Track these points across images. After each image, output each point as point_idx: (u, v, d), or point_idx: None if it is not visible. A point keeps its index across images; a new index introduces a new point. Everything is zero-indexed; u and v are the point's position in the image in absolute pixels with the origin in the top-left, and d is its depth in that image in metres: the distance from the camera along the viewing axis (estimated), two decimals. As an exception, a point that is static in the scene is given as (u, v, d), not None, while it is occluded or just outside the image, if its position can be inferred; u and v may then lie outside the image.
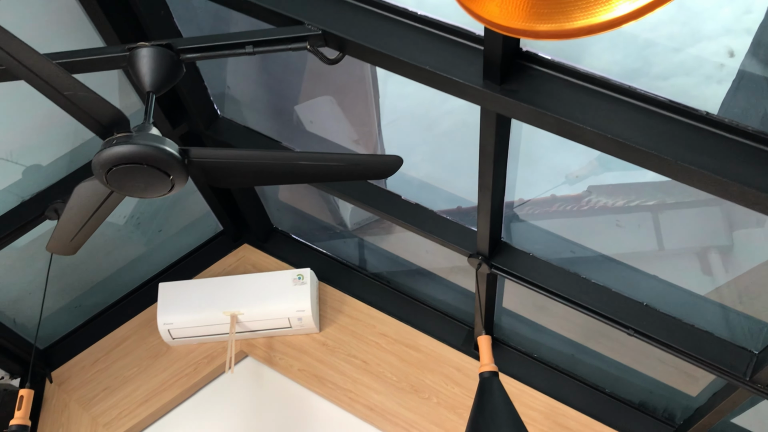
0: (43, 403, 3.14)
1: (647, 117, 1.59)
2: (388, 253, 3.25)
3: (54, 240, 2.04)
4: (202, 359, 3.16)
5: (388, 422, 2.97)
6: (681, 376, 2.76)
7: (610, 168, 2.43)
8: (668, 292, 2.39)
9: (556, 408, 2.91)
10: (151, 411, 3.08)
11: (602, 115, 1.60)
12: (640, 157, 1.57)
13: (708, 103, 1.64)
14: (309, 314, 3.04)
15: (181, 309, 3.04)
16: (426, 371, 3.05)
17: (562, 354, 2.97)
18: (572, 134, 1.64)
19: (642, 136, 1.57)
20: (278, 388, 3.16)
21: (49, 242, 2.07)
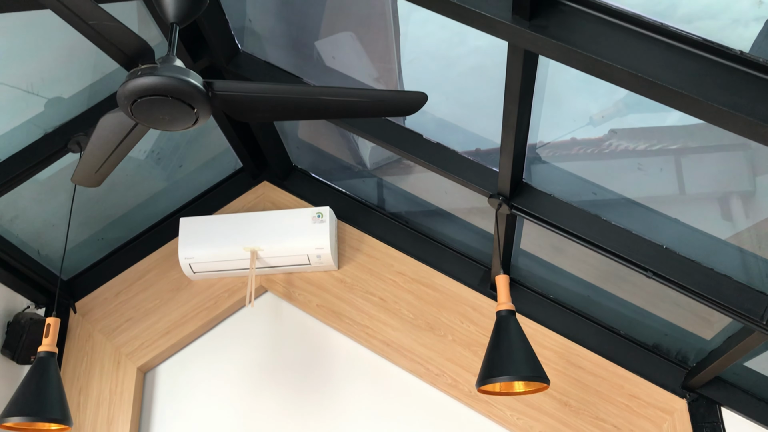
0: (67, 333, 3.23)
1: (679, 56, 1.56)
2: (406, 193, 3.26)
3: (79, 172, 2.06)
4: (222, 293, 3.21)
5: (403, 358, 3.03)
6: (696, 319, 2.78)
7: (636, 109, 2.40)
8: (688, 235, 2.38)
9: (571, 348, 2.95)
10: (172, 342, 3.16)
11: (633, 54, 1.57)
12: (670, 96, 1.54)
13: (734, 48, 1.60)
14: (328, 252, 3.07)
15: (202, 244, 3.08)
16: (442, 309, 3.09)
17: (578, 295, 3.00)
18: (601, 72, 1.62)
19: (673, 76, 1.54)
20: (297, 323, 3.22)
21: (74, 174, 2.08)
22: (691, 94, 1.51)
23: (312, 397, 3.08)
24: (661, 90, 1.54)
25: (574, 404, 2.87)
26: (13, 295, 3.14)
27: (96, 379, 3.12)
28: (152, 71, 1.62)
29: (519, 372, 2.11)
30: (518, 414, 2.89)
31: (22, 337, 2.98)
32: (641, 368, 2.89)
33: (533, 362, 2.14)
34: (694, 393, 2.81)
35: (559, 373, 2.92)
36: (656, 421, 2.80)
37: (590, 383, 2.89)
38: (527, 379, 2.10)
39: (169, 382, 3.18)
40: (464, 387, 2.95)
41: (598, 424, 2.83)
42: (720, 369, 2.54)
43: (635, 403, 2.83)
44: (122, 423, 3.02)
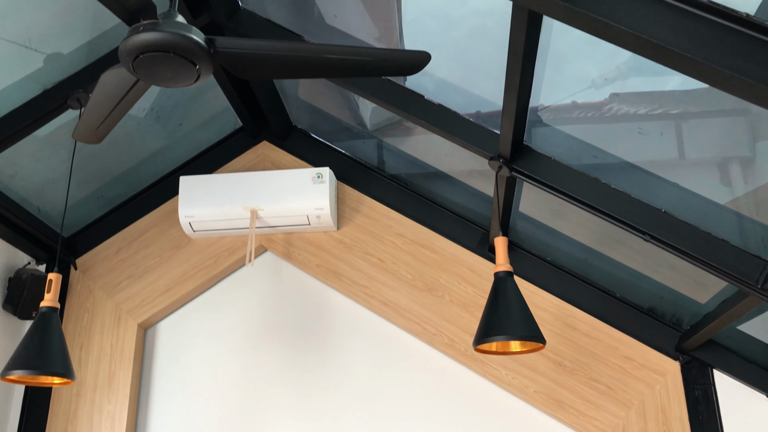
0: (68, 289, 3.25)
1: (685, 18, 1.55)
2: (407, 154, 3.25)
3: (80, 128, 2.05)
4: (222, 252, 3.23)
5: (401, 317, 3.07)
6: (691, 283, 2.81)
7: (638, 73, 2.39)
8: (687, 199, 2.40)
9: (567, 310, 2.99)
10: (172, 300, 3.19)
11: (638, 15, 1.56)
12: (675, 59, 1.54)
13: (740, 10, 1.59)
14: (327, 212, 3.08)
15: (202, 202, 3.08)
16: (440, 271, 3.12)
17: (576, 258, 3.02)
18: (606, 34, 1.61)
19: (678, 38, 1.53)
20: (296, 282, 3.25)
21: (75, 130, 2.08)
22: (696, 57, 1.50)
23: (310, 356, 3.13)
24: (666, 53, 1.53)
25: (568, 365, 2.92)
26: (14, 251, 3.16)
27: (97, 335, 3.16)
28: (154, 27, 1.61)
29: (516, 332, 2.14)
30: (513, 373, 2.94)
31: (23, 293, 3.01)
32: (636, 331, 2.93)
33: (530, 322, 2.17)
34: (688, 355, 2.86)
35: (555, 334, 2.96)
36: (649, 382, 2.85)
37: (585, 344, 2.93)
38: (524, 339, 2.13)
39: (169, 339, 3.22)
40: (460, 347, 2.99)
41: (591, 385, 2.88)
42: (713, 332, 2.58)
43: (629, 365, 2.88)
44: (123, 378, 3.07)
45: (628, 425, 2.81)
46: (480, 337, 2.19)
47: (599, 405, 2.85)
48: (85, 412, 3.04)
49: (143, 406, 3.13)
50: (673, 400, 2.81)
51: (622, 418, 2.82)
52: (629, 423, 2.81)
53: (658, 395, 2.83)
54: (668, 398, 2.82)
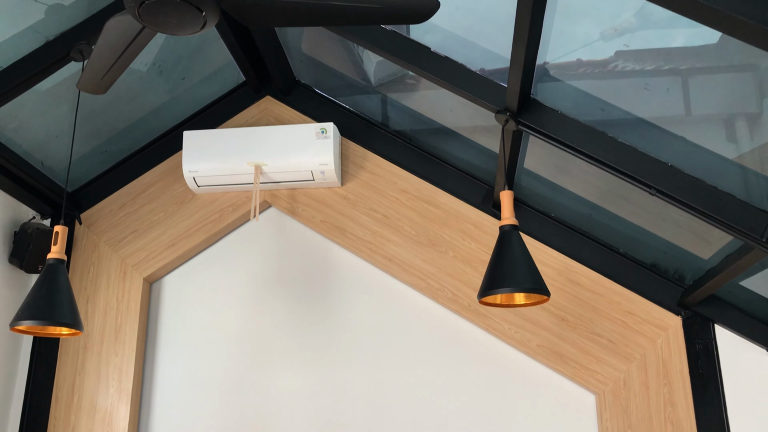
0: (73, 244, 3.27)
1: (699, -37, 1.53)
2: (411, 110, 3.23)
3: (84, 78, 2.04)
4: (226, 207, 3.24)
5: (405, 272, 3.09)
6: (695, 239, 2.82)
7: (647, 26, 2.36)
8: (693, 153, 2.39)
9: (570, 265, 3.00)
10: (177, 254, 3.20)
11: (652, -39, 1.53)
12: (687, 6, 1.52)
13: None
14: (332, 168, 3.07)
15: (206, 157, 3.08)
16: (444, 227, 3.12)
17: (580, 214, 3.03)
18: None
19: (691, -16, 1.51)
20: (300, 238, 3.26)
21: (80, 80, 2.06)
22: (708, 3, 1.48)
23: (314, 310, 3.15)
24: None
25: (571, 319, 2.94)
26: (19, 205, 3.16)
27: (103, 289, 3.18)
28: (160, -28, 1.58)
29: (520, 284, 2.15)
30: (516, 328, 2.96)
31: (29, 247, 3.02)
32: (638, 286, 2.95)
33: (534, 275, 2.19)
34: (690, 310, 2.88)
35: (558, 289, 2.98)
36: (651, 336, 2.88)
37: (588, 299, 2.96)
38: (528, 291, 2.14)
39: (174, 293, 3.24)
40: (464, 301, 3.02)
41: (594, 339, 2.91)
42: (716, 287, 2.60)
43: (631, 319, 2.91)
44: (130, 331, 3.10)
45: (629, 378, 2.85)
46: (485, 289, 2.21)
47: (601, 359, 2.88)
48: (93, 364, 3.08)
49: (150, 359, 3.16)
50: (674, 354, 2.84)
51: (624, 372, 2.86)
52: (630, 376, 2.85)
53: (660, 349, 2.86)
54: (669, 352, 2.85)
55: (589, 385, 2.87)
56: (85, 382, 3.06)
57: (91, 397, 3.03)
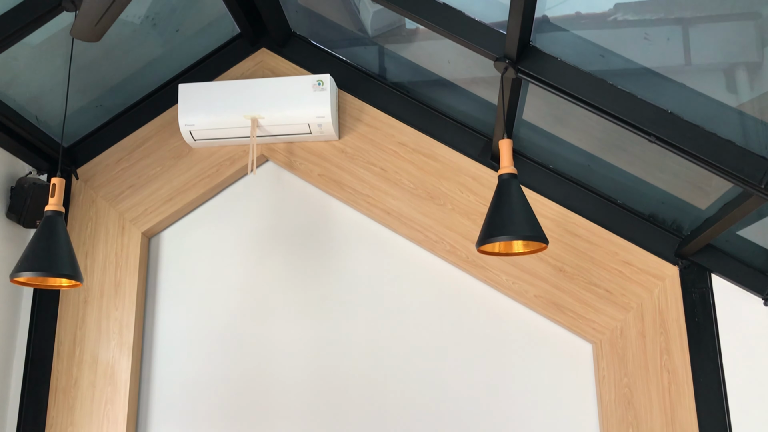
0: (71, 199, 3.26)
1: None
2: (409, 62, 3.20)
3: (78, 25, 2.00)
4: (223, 161, 3.22)
5: (403, 225, 3.09)
6: (693, 189, 2.82)
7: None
8: (693, 100, 2.38)
9: (568, 217, 3.01)
10: (175, 209, 3.20)
11: None
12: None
13: None
14: (329, 120, 3.05)
15: (202, 110, 3.05)
16: (442, 179, 3.12)
17: (578, 165, 3.02)
18: None
19: None
20: (298, 192, 3.26)
21: (73, 27, 2.03)
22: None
23: (313, 264, 3.16)
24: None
25: (568, 270, 2.96)
26: (14, 160, 3.14)
27: (101, 243, 3.18)
28: None
29: (518, 232, 2.15)
30: (513, 278, 2.98)
31: (26, 201, 3.01)
32: (636, 236, 2.96)
33: (533, 223, 2.19)
34: (687, 260, 2.90)
35: (556, 240, 2.99)
36: (648, 286, 2.90)
37: (585, 250, 2.97)
38: (527, 239, 2.15)
39: (173, 248, 3.25)
40: (462, 253, 3.03)
41: (591, 289, 2.93)
42: (714, 235, 2.61)
43: (628, 270, 2.92)
44: (129, 286, 3.11)
45: (626, 327, 2.88)
46: (483, 237, 2.21)
47: (598, 308, 2.91)
48: (93, 318, 3.10)
49: (150, 313, 3.18)
50: (671, 304, 2.87)
51: (620, 321, 2.89)
52: (627, 325, 2.88)
53: (657, 299, 2.88)
54: (666, 302, 2.87)
55: (586, 334, 2.90)
56: (86, 335, 3.08)
57: (93, 350, 3.06)
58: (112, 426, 2.96)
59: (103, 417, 2.98)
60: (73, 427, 2.98)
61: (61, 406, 3.01)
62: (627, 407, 2.79)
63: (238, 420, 3.02)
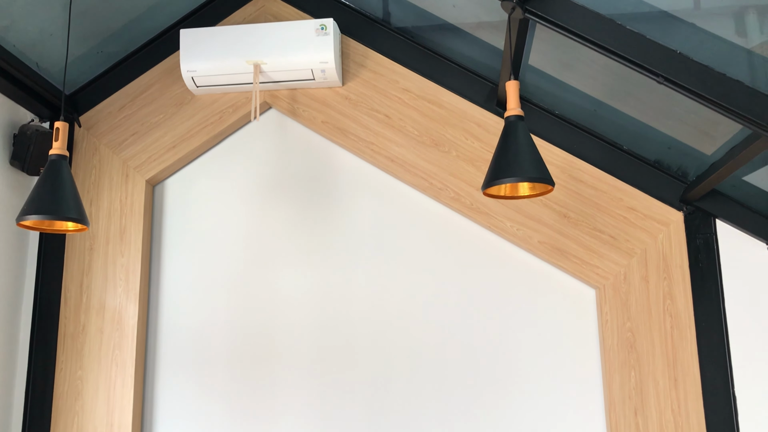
0: (74, 147, 3.24)
1: None
2: (413, 6, 3.15)
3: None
4: (226, 108, 3.20)
5: (408, 173, 3.08)
6: (699, 135, 2.80)
7: None
8: (703, 43, 2.34)
9: (573, 163, 3.00)
10: (179, 156, 3.19)
11: None
12: None
13: None
14: (332, 66, 3.02)
15: (204, 56, 3.02)
16: (447, 126, 3.10)
17: (584, 111, 3.00)
18: None
19: None
20: (302, 139, 3.24)
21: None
22: None
23: (317, 211, 3.16)
24: None
25: (573, 216, 2.96)
26: (16, 107, 3.12)
27: (105, 191, 3.18)
28: None
29: (525, 173, 2.14)
30: (518, 225, 2.98)
31: (29, 148, 3.00)
32: (641, 182, 2.96)
33: (540, 165, 2.18)
34: (691, 206, 2.90)
35: (561, 186, 2.98)
36: (652, 232, 2.91)
37: (590, 196, 2.96)
38: (533, 181, 2.14)
39: (177, 195, 3.25)
40: (466, 200, 3.03)
41: (595, 235, 2.93)
42: (720, 179, 2.60)
43: (633, 215, 2.92)
44: (134, 233, 3.12)
45: (630, 273, 2.89)
46: (489, 180, 2.20)
47: (602, 254, 2.91)
48: (99, 265, 3.12)
49: (155, 260, 3.20)
50: (675, 249, 2.88)
51: (624, 266, 2.90)
52: (630, 271, 2.89)
53: (661, 244, 2.89)
54: (670, 247, 2.88)
55: (589, 279, 2.92)
56: (92, 282, 3.10)
57: (100, 296, 3.08)
58: (120, 371, 3.00)
59: (112, 362, 3.02)
60: (82, 371, 3.02)
61: (70, 352, 3.05)
62: (629, 350, 2.82)
63: (245, 364, 3.06)
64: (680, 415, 2.75)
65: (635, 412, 2.77)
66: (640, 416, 2.77)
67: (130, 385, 2.99)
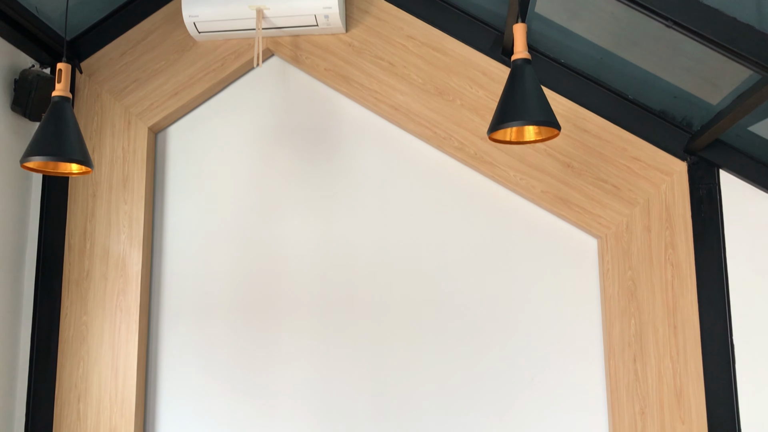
0: (75, 94, 3.22)
1: None
2: (418, -49, 3.10)
3: None
4: (228, 55, 3.17)
5: (411, 122, 3.07)
6: (705, 84, 2.78)
7: None
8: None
9: (578, 112, 2.98)
10: (181, 104, 3.17)
11: None
12: None
13: None
14: (335, 11, 2.98)
15: (206, 1, 2.97)
16: (452, 74, 3.07)
17: (590, 59, 2.97)
18: None
19: None
20: (304, 87, 3.22)
21: None
22: None
23: (320, 160, 3.16)
24: None
25: (576, 165, 2.96)
26: (17, 52, 3.09)
27: (108, 138, 3.17)
28: None
29: (531, 117, 2.13)
30: (521, 174, 2.98)
31: (30, 94, 2.98)
32: (646, 132, 2.95)
33: (546, 108, 2.16)
34: (695, 156, 2.89)
35: (565, 136, 2.98)
36: (655, 182, 2.91)
37: (594, 146, 2.96)
38: (540, 124, 2.13)
39: (180, 143, 3.24)
40: (470, 149, 3.02)
41: (598, 184, 2.94)
42: (725, 128, 2.59)
43: (637, 165, 2.92)
44: (138, 180, 3.12)
45: (632, 222, 2.90)
46: (495, 124, 2.19)
47: (605, 203, 2.92)
48: (103, 211, 3.12)
49: (159, 207, 3.20)
50: (678, 199, 2.88)
51: (626, 216, 2.91)
52: (633, 220, 2.90)
53: (663, 194, 2.90)
54: (673, 197, 2.89)
55: (591, 229, 2.93)
56: (96, 229, 3.11)
57: (104, 243, 3.09)
58: (125, 316, 3.03)
59: (116, 308, 3.04)
60: (87, 317, 3.05)
61: (75, 298, 3.07)
62: (630, 299, 2.85)
63: (248, 310, 3.09)
64: (679, 362, 2.79)
65: (634, 359, 2.81)
66: (639, 363, 2.81)
67: (134, 330, 3.02)
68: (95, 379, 2.99)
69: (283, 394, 3.02)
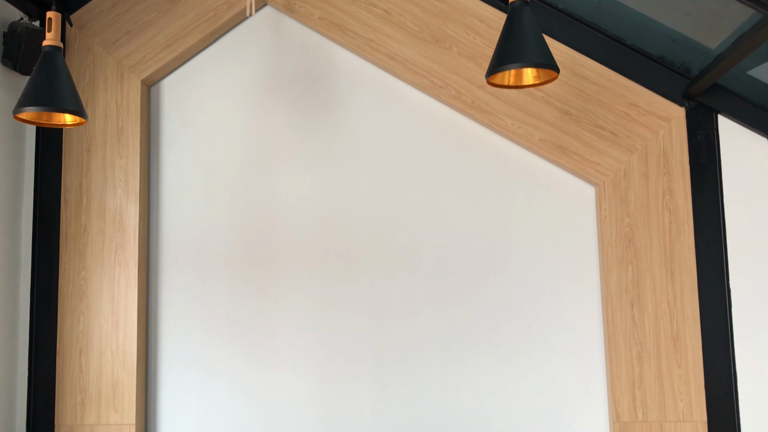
0: (66, 47, 3.17)
1: None
2: None
3: None
4: (220, 5, 3.11)
5: (407, 71, 3.04)
6: (704, 29, 2.76)
7: None
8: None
9: (576, 59, 2.95)
10: (174, 56, 3.12)
11: None
12: None
13: None
14: (330, -42, 2.92)
15: (197, -52, 2.91)
16: (448, 21, 3.03)
17: (588, 4, 2.93)
18: None
19: None
20: (299, 37, 3.17)
21: None
22: None
23: (316, 111, 3.13)
24: None
25: (574, 113, 2.94)
26: (4, 4, 3.03)
27: (101, 92, 3.13)
28: None
29: (530, 59, 2.11)
30: (519, 123, 2.97)
31: (20, 46, 2.93)
32: (644, 78, 2.93)
33: (545, 51, 2.14)
34: (694, 101, 2.88)
35: (562, 83, 2.95)
36: (653, 128, 2.90)
37: (592, 93, 2.94)
38: (538, 66, 2.11)
39: (173, 96, 3.20)
40: (467, 98, 2.99)
41: (596, 132, 2.92)
42: (724, 70, 2.57)
43: (635, 111, 2.91)
44: (132, 134, 3.09)
45: (630, 169, 2.90)
46: (493, 66, 2.17)
47: (602, 150, 2.91)
48: (98, 166, 3.10)
49: (154, 161, 3.18)
50: (676, 145, 2.88)
51: (624, 163, 2.90)
52: (631, 167, 2.90)
53: (661, 140, 2.89)
54: (671, 143, 2.88)
55: (589, 176, 2.93)
56: (92, 183, 3.09)
57: (100, 198, 3.08)
58: (124, 270, 3.03)
59: (115, 262, 3.04)
60: (85, 272, 3.05)
61: (72, 253, 3.07)
62: (627, 245, 2.86)
63: (246, 263, 3.09)
64: (675, 307, 2.82)
65: (631, 305, 2.84)
66: (636, 308, 2.83)
67: (134, 284, 3.03)
68: (96, 333, 3.01)
69: (283, 343, 3.04)
